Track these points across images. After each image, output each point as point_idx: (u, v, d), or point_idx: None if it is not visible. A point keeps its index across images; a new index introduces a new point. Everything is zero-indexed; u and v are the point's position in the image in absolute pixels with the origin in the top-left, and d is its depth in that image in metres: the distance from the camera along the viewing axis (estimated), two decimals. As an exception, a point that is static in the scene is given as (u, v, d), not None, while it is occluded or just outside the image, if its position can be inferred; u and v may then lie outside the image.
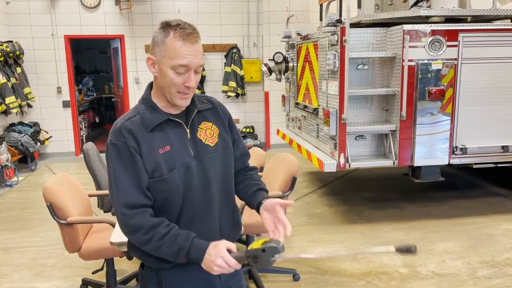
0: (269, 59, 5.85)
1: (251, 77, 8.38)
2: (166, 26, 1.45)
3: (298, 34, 5.50)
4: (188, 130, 1.55)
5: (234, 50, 8.21)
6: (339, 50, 4.16)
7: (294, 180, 3.13)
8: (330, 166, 4.35)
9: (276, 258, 1.38)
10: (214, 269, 1.40)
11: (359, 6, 4.63)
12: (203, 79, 8.14)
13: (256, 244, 1.40)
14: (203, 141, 1.57)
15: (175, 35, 1.43)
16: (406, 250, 1.36)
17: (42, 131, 7.63)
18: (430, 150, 4.36)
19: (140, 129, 1.48)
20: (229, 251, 1.42)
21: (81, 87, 10.50)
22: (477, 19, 4.79)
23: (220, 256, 1.39)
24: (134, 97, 8.22)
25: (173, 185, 1.49)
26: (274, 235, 1.48)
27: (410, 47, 4.14)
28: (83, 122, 8.82)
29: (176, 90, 1.48)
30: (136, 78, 8.16)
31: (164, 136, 1.51)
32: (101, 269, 3.10)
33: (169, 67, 1.45)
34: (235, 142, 1.70)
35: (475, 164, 4.57)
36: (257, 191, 1.66)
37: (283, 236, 1.47)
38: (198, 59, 1.46)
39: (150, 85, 1.58)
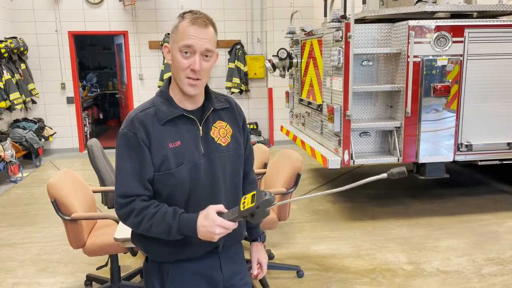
0: (273, 55, 5.83)
1: (255, 74, 8.36)
2: (182, 14, 1.51)
3: (302, 30, 5.47)
4: (201, 128, 1.55)
5: (238, 46, 8.18)
6: (343, 46, 4.13)
7: (298, 176, 3.12)
8: (334, 162, 4.34)
9: (271, 207, 1.40)
10: (215, 238, 1.42)
11: (363, 2, 4.61)
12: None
13: (247, 202, 1.39)
14: (216, 140, 1.57)
15: (186, 20, 1.47)
16: (398, 174, 1.35)
17: (46, 127, 7.64)
18: (435, 147, 4.33)
19: (153, 121, 1.49)
20: (220, 213, 1.42)
21: (85, 83, 10.51)
22: (483, 14, 4.76)
23: (216, 224, 1.39)
24: (137, 93, 8.22)
25: (179, 180, 1.49)
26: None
27: (415, 43, 4.11)
28: (87, 118, 8.83)
29: (185, 75, 1.48)
30: (140, 74, 8.15)
31: (176, 131, 1.51)
32: (105, 265, 3.10)
33: (177, 50, 1.47)
34: (245, 146, 1.71)
35: (480, 161, 4.55)
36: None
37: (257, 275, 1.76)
38: (205, 42, 1.46)
39: (169, 79, 1.59)
